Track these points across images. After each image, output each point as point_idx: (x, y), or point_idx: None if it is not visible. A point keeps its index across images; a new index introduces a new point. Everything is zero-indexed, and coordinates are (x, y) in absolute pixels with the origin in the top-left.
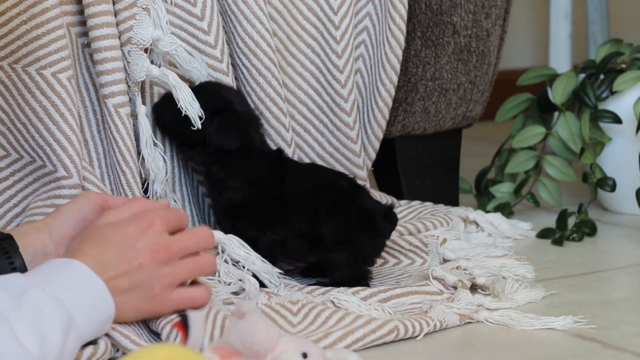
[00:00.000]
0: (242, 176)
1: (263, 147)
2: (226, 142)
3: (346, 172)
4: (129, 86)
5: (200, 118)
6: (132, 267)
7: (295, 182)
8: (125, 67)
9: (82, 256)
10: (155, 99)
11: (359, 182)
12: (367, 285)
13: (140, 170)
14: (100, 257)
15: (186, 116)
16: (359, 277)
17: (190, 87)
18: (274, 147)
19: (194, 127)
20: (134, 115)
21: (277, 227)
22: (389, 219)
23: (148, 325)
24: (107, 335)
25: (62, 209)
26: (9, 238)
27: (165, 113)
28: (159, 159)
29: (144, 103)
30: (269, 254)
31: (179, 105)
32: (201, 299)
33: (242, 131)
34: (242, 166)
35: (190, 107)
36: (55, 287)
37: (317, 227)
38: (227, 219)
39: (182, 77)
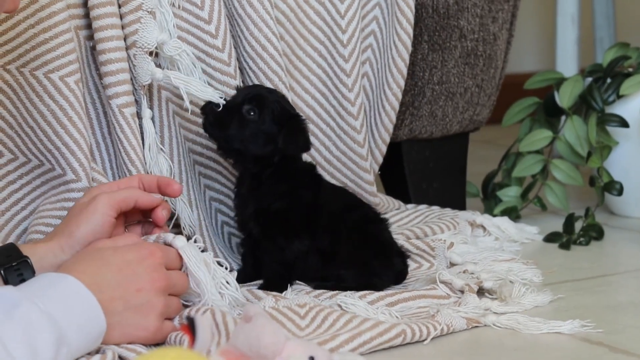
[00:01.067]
0: (285, 185)
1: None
2: (295, 149)
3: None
4: (135, 88)
5: (221, 104)
6: (130, 291)
7: (327, 199)
8: (131, 70)
9: (77, 274)
10: (163, 104)
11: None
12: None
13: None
14: (97, 277)
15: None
16: (365, 286)
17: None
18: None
19: (258, 135)
20: (139, 117)
21: (305, 238)
22: (401, 256)
23: None
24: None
25: (77, 221)
26: (24, 261)
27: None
28: (162, 163)
29: (151, 107)
30: (292, 267)
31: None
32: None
33: (308, 137)
34: (287, 175)
35: (204, 93)
36: (47, 301)
37: (336, 245)
38: (257, 223)
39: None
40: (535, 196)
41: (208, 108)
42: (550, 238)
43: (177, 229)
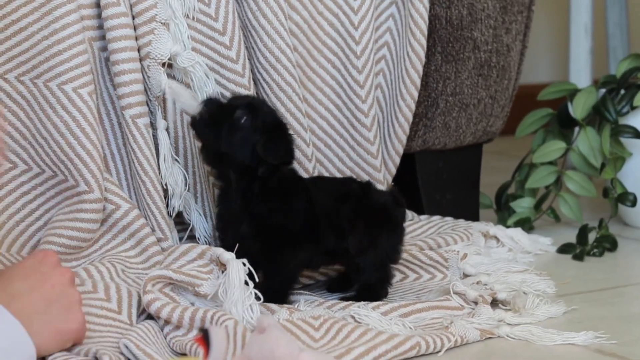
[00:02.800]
0: (279, 198)
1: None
2: (275, 159)
3: (350, 175)
4: (149, 99)
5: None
6: (44, 288)
7: (319, 200)
8: (145, 81)
9: None
10: (178, 115)
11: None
12: (386, 291)
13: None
14: (9, 289)
15: (244, 139)
16: (383, 278)
17: (230, 96)
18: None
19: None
20: (154, 128)
21: (307, 247)
22: (398, 202)
23: (170, 347)
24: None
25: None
26: None
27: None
28: (178, 174)
29: (165, 118)
30: (294, 280)
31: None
32: None
33: (291, 146)
34: (278, 188)
35: (189, 107)
36: None
37: (343, 241)
38: (256, 240)
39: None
40: (548, 207)
41: (208, 103)
42: (564, 249)
43: (192, 239)
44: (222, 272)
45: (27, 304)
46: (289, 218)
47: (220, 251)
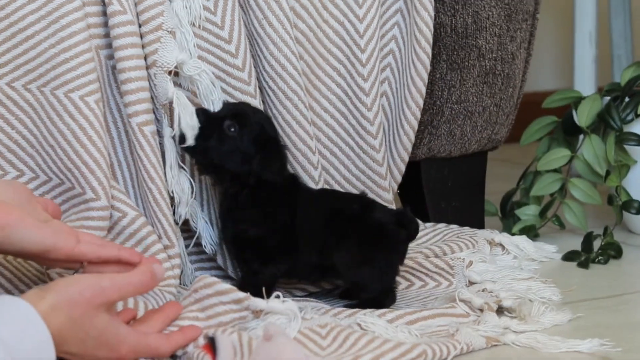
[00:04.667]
0: (260, 210)
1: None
2: (271, 174)
3: (364, 192)
4: (156, 107)
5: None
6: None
7: (306, 213)
8: (151, 88)
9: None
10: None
11: (375, 197)
12: (394, 297)
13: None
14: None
15: (231, 150)
16: (386, 291)
17: (223, 104)
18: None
19: (234, 157)
20: (161, 135)
21: (282, 260)
22: (404, 224)
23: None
24: None
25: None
26: None
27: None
28: (184, 182)
29: (171, 126)
30: (269, 284)
31: (177, 125)
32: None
33: (284, 162)
34: (265, 200)
35: (187, 125)
36: (2, 328)
37: (327, 259)
38: (234, 247)
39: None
40: (553, 215)
41: (198, 114)
42: (569, 257)
43: (198, 247)
44: (258, 317)
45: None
46: (264, 230)
47: (262, 304)
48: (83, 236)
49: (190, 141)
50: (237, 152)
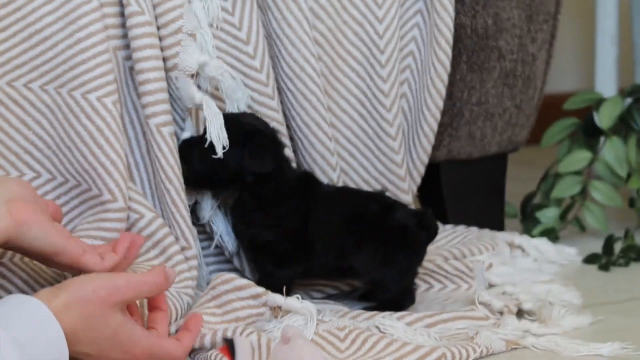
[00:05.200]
0: (270, 213)
1: (290, 172)
2: (261, 166)
3: (382, 189)
4: (174, 108)
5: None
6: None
7: (321, 216)
8: (169, 89)
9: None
10: (201, 124)
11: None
12: (413, 298)
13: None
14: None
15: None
16: (405, 292)
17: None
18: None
19: (222, 160)
20: (179, 138)
21: (296, 264)
22: (425, 226)
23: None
24: None
25: (3, 180)
26: None
27: (195, 159)
28: None
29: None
30: (285, 285)
31: (206, 136)
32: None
33: (276, 153)
34: (271, 200)
35: (217, 138)
36: (13, 325)
37: (346, 261)
38: (248, 251)
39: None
40: (574, 217)
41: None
42: (590, 259)
43: (218, 249)
44: (276, 317)
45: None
46: (274, 234)
47: (280, 299)
48: (86, 246)
49: (219, 154)
50: (224, 163)
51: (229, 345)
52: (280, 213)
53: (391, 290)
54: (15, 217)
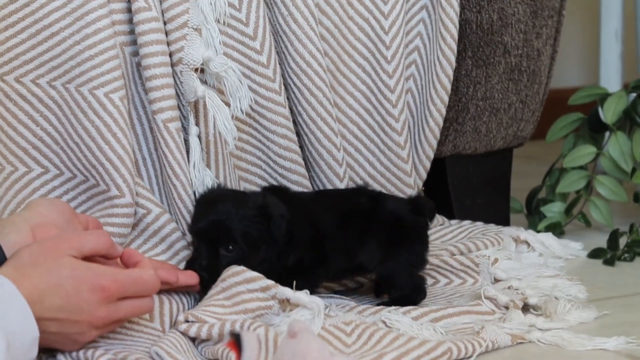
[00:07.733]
0: (292, 239)
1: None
2: (282, 233)
3: (359, 184)
4: (182, 104)
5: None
6: (69, 320)
7: (322, 220)
8: (177, 85)
9: (27, 281)
10: (210, 120)
11: (400, 194)
12: (424, 293)
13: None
14: (45, 295)
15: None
16: (415, 287)
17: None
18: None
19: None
20: (186, 133)
21: (318, 274)
22: (418, 210)
23: (202, 354)
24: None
25: (37, 202)
26: None
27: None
28: (208, 182)
29: (197, 123)
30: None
31: (212, 127)
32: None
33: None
34: (289, 229)
35: (225, 129)
36: None
37: (354, 259)
38: (285, 281)
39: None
40: (579, 212)
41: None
42: (595, 254)
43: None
44: (284, 310)
45: (43, 319)
46: (298, 258)
47: (289, 292)
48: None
49: (231, 146)
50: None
51: (236, 340)
52: (299, 236)
53: (403, 287)
54: None
